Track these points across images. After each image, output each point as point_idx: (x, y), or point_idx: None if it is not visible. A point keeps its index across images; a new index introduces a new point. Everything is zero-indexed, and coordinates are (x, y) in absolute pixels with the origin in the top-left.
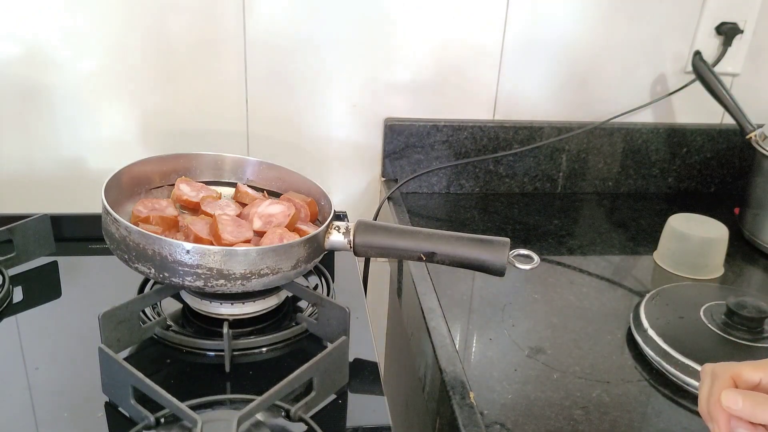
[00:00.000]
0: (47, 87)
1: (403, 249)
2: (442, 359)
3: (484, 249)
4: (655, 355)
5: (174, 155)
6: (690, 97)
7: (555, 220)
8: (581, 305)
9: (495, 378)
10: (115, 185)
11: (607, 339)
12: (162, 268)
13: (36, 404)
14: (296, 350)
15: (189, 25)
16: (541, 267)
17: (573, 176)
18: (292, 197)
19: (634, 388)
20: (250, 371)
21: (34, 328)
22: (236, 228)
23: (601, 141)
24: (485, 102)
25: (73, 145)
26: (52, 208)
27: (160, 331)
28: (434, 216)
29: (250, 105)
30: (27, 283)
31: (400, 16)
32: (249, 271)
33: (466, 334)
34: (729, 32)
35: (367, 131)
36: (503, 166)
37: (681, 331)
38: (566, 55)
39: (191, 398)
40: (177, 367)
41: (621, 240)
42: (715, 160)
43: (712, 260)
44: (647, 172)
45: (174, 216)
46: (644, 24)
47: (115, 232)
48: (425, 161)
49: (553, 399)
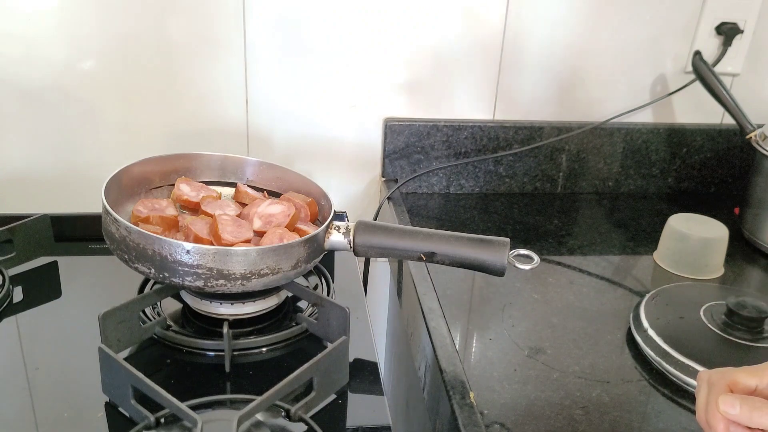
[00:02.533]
0: (47, 87)
1: (403, 249)
2: (442, 359)
3: (484, 249)
4: (655, 355)
5: (174, 155)
6: (690, 97)
7: (555, 220)
8: (581, 305)
9: (495, 378)
10: (115, 185)
11: (606, 339)
12: (162, 268)
13: (36, 404)
14: (296, 350)
15: (189, 25)
16: (541, 267)
17: (573, 176)
18: (292, 197)
19: (634, 388)
20: (250, 371)
21: (34, 328)
22: (236, 228)
23: (601, 141)
24: (485, 102)
25: (73, 145)
26: (52, 208)
27: (160, 331)
28: (434, 216)
29: (250, 105)
30: (27, 283)
31: (400, 15)
32: (249, 271)
33: (466, 334)
34: (729, 32)
35: (366, 131)
36: (503, 166)
37: (681, 331)
38: (566, 55)
39: (191, 398)
40: (177, 367)
41: (621, 240)
42: (715, 160)
43: (712, 260)
44: (647, 172)
45: (174, 216)
46: (644, 24)
47: (115, 232)
48: (425, 161)
49: (553, 399)
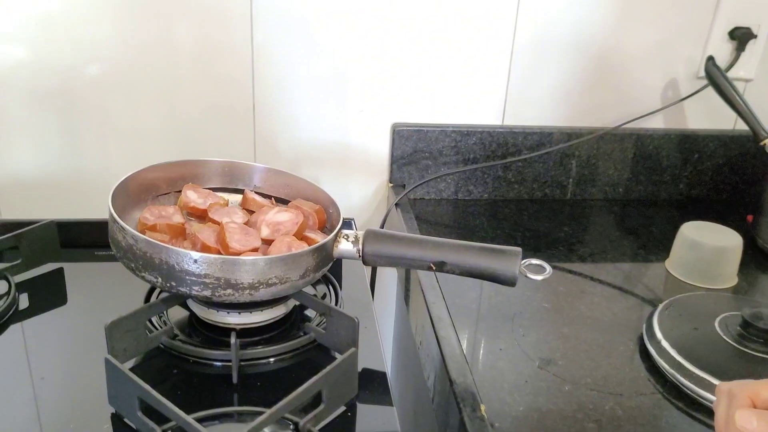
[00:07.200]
0: (55, 91)
1: (413, 258)
2: (453, 370)
3: (495, 259)
4: (669, 368)
5: (181, 162)
6: (702, 103)
7: (565, 227)
8: (592, 315)
9: (506, 390)
10: (122, 192)
11: (619, 350)
12: (169, 277)
13: (42, 416)
14: (304, 360)
15: (197, 30)
16: (552, 275)
17: (583, 182)
18: (300, 205)
19: (648, 401)
20: (258, 382)
21: (40, 336)
22: (244, 236)
23: (612, 147)
24: (494, 107)
25: (80, 150)
26: (59, 213)
27: (167, 341)
28: (442, 222)
29: (257, 110)
30: (33, 289)
31: (407, 19)
32: (257, 280)
33: (476, 343)
34: (742, 37)
35: (374, 136)
36: (512, 172)
37: (695, 343)
38: (576, 60)
39: (198, 409)
40: (183, 377)
41: (632, 248)
42: (728, 167)
43: (725, 269)
44: (658, 178)
45: (181, 223)
46: (656, 29)
47: (122, 240)
48: (433, 167)
49: (566, 412)
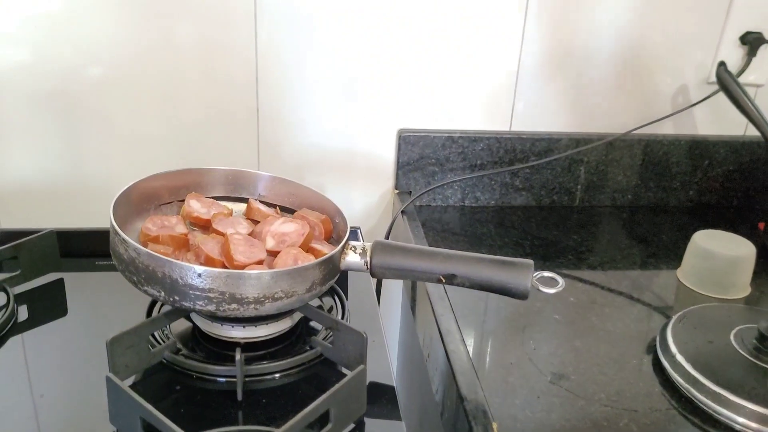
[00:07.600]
0: (55, 93)
1: (422, 271)
2: (463, 386)
3: (506, 272)
4: (684, 382)
5: (184, 170)
6: (712, 108)
7: (574, 234)
8: (604, 327)
9: (517, 406)
10: (123, 202)
11: (632, 363)
12: (172, 291)
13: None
14: (310, 376)
15: (199, 33)
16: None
17: (591, 189)
18: (306, 214)
19: (663, 417)
20: (263, 399)
21: (40, 350)
22: (248, 248)
23: (621, 153)
24: (502, 113)
25: (80, 155)
26: (59, 220)
27: (170, 356)
28: (449, 230)
29: (261, 114)
30: (32, 301)
31: (414, 25)
32: (262, 294)
33: (486, 357)
34: (754, 42)
35: (380, 142)
36: (520, 179)
37: (711, 357)
38: (585, 65)
39: (201, 428)
40: (186, 393)
41: (642, 256)
42: (739, 173)
43: (739, 279)
44: (668, 184)
45: (184, 234)
46: (667, 34)
47: (124, 253)
48: (440, 173)
49: (580, 429)
